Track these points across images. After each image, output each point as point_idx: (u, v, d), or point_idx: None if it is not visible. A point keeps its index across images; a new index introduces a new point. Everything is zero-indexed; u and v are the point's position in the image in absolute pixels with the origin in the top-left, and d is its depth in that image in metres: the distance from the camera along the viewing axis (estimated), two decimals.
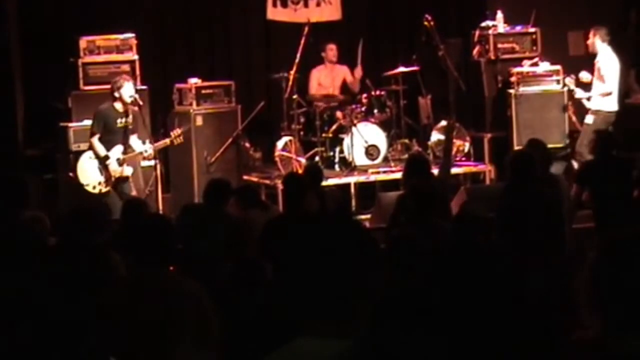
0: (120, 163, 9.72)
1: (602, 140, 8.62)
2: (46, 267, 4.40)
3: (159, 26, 12.46)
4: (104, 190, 9.78)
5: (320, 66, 12.15)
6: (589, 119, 11.04)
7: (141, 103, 10.00)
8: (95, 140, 9.71)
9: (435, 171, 9.37)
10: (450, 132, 10.77)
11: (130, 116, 9.77)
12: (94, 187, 9.78)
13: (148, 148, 9.78)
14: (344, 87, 12.21)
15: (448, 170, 9.09)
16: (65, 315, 3.78)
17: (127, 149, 9.76)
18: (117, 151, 9.71)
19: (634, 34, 12.43)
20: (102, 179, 9.76)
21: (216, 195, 7.66)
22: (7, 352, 3.72)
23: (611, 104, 11.12)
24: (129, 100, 9.67)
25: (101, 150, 9.69)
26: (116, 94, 9.67)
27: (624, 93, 12.21)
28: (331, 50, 12.05)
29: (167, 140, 10.06)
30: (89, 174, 9.79)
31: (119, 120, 9.71)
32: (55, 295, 3.93)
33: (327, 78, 12.14)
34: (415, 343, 2.59)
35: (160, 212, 10.04)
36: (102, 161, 9.71)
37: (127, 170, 9.78)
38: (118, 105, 9.72)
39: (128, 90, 9.67)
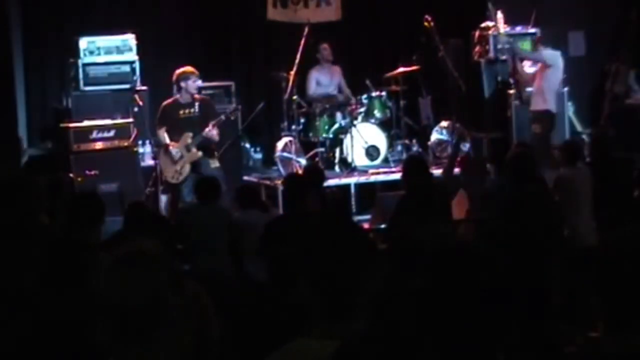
0: (189, 148, 10.00)
1: (601, 141, 8.63)
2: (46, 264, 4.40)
3: (159, 26, 12.46)
4: (181, 179, 10.02)
5: (317, 66, 12.15)
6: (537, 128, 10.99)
7: (141, 103, 10.05)
8: (159, 131, 10.09)
9: (435, 171, 9.38)
10: (458, 141, 10.84)
11: (197, 106, 10.05)
12: (173, 177, 10.05)
13: (210, 127, 10.03)
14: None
15: (450, 172, 9.11)
16: (61, 315, 3.77)
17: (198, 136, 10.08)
18: (186, 138, 9.98)
19: (634, 34, 12.43)
20: (177, 167, 9.97)
21: (208, 192, 7.71)
22: (6, 350, 3.72)
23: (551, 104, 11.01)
24: (194, 91, 10.06)
25: (163, 139, 10.06)
26: (182, 84, 10.00)
27: (624, 93, 12.21)
28: (325, 50, 12.01)
29: (223, 117, 10.24)
30: (166, 164, 10.07)
31: (181, 112, 10.04)
32: (51, 293, 3.92)
33: (326, 77, 12.13)
34: (413, 343, 2.59)
35: (161, 212, 10.07)
36: (165, 149, 10.04)
37: (198, 154, 10.05)
38: (181, 98, 10.03)
39: (193, 82, 10.00)
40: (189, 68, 10.16)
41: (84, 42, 10.79)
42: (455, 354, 2.40)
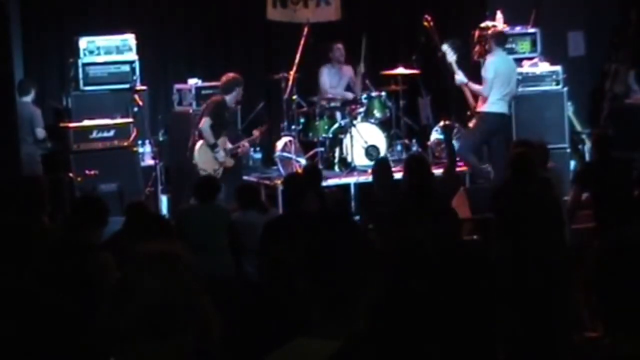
0: (227, 153, 10.25)
1: (602, 140, 8.62)
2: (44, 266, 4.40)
3: (159, 26, 12.46)
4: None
5: (328, 64, 12.15)
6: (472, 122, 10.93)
7: (141, 103, 10.08)
8: (208, 127, 10.11)
9: (437, 171, 9.40)
10: (449, 134, 10.79)
11: (229, 113, 10.39)
12: (213, 173, 10.06)
13: (245, 142, 10.45)
14: (349, 87, 12.24)
15: (452, 171, 9.13)
16: (60, 314, 3.77)
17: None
18: (224, 141, 10.19)
19: (634, 34, 12.43)
20: (216, 166, 10.03)
21: (207, 192, 7.72)
22: (6, 350, 3.72)
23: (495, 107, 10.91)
24: (240, 99, 10.46)
25: (211, 138, 10.12)
26: (237, 89, 10.20)
27: (624, 93, 12.21)
28: (338, 50, 12.05)
29: (256, 134, 10.57)
30: (207, 159, 10.13)
31: (226, 114, 10.29)
32: (50, 293, 3.92)
33: (335, 77, 12.15)
34: (412, 344, 2.59)
35: (160, 212, 10.07)
36: (211, 149, 10.12)
37: (231, 162, 10.30)
38: (228, 100, 10.19)
39: (241, 89, 10.31)
40: (238, 76, 10.35)
41: (83, 42, 10.77)
42: (455, 354, 2.41)
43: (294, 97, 11.48)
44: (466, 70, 11.93)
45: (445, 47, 10.99)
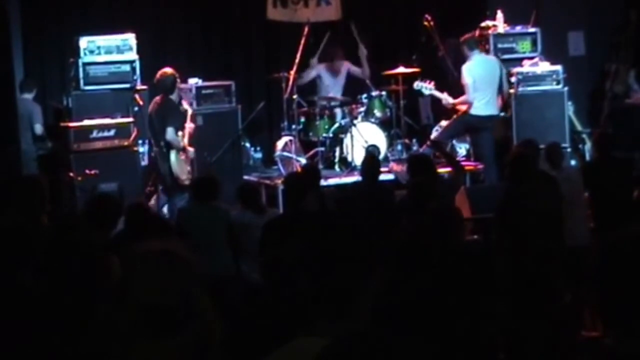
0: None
1: (602, 140, 8.62)
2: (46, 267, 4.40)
3: (159, 26, 12.47)
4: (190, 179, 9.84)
5: (324, 63, 12.15)
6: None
7: (141, 103, 10.07)
8: (174, 135, 9.82)
9: (441, 170, 9.44)
10: (439, 146, 10.83)
11: None
12: (187, 179, 9.82)
13: (189, 124, 10.16)
14: (347, 85, 12.21)
15: (460, 172, 9.17)
16: (60, 314, 3.78)
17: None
18: (182, 137, 9.94)
19: (634, 34, 12.43)
20: (188, 167, 9.92)
21: (207, 192, 7.71)
22: (6, 351, 3.72)
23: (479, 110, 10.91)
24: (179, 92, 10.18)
25: (180, 143, 9.85)
26: (176, 83, 9.97)
27: (624, 93, 12.22)
28: (337, 55, 12.05)
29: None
30: (182, 167, 9.90)
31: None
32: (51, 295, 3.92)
33: (331, 78, 12.15)
34: (412, 343, 2.59)
35: (158, 211, 10.06)
36: (182, 151, 9.89)
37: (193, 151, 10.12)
38: (175, 99, 9.98)
39: (178, 81, 10.09)
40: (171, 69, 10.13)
41: (84, 42, 10.75)
42: (455, 353, 2.41)
43: (294, 96, 11.48)
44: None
45: (417, 85, 11.07)
